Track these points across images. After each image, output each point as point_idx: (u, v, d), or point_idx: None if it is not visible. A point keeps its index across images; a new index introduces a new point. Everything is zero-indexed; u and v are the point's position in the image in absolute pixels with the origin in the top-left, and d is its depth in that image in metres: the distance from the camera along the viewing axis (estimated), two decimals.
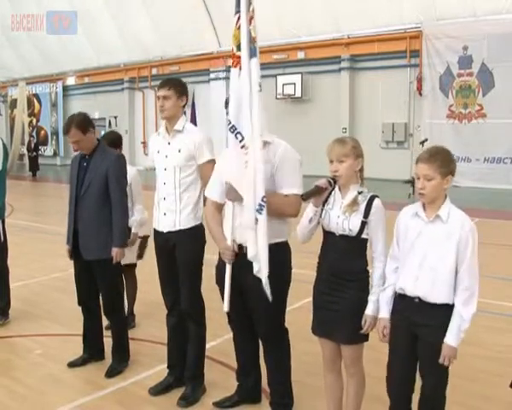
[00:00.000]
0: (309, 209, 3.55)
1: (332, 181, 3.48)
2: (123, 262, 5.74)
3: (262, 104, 3.72)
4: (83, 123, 4.79)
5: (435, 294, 3.17)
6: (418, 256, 3.22)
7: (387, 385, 3.43)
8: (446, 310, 3.17)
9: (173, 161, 4.34)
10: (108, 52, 27.34)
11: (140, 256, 6.05)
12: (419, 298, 3.22)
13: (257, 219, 3.61)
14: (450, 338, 3.15)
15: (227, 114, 3.87)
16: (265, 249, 3.63)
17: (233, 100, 3.75)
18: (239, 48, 3.72)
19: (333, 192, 3.57)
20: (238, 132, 3.69)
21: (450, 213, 3.19)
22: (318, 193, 3.45)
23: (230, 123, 3.74)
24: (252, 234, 3.64)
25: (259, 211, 3.60)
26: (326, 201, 3.56)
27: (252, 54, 3.66)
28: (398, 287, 3.32)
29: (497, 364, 4.97)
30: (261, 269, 3.65)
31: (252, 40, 3.66)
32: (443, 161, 3.17)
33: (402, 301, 3.32)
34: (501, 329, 5.72)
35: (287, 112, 21.93)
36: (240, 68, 3.73)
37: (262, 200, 3.59)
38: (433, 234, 3.19)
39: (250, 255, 3.68)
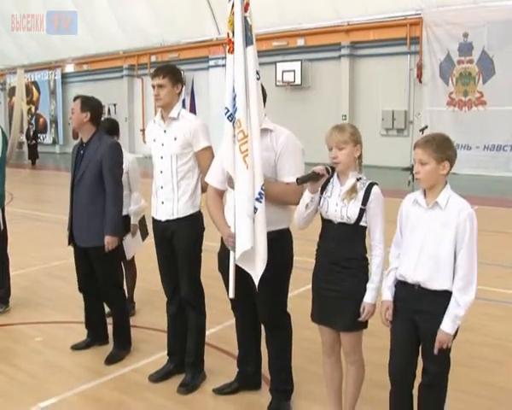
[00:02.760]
0: (305, 195, 3.54)
1: (330, 168, 3.46)
2: (129, 255, 5.77)
3: (260, 92, 3.71)
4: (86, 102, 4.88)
5: (434, 281, 3.18)
6: (417, 243, 3.23)
7: (389, 371, 3.44)
8: (446, 297, 3.17)
9: (170, 150, 4.32)
10: (107, 39, 27.22)
11: (145, 235, 6.03)
12: (419, 285, 3.23)
13: (256, 208, 3.60)
14: (446, 325, 3.16)
15: None
16: (264, 238, 3.63)
17: (228, 87, 3.73)
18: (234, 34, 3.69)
19: (331, 180, 3.56)
20: (237, 120, 3.66)
21: (449, 201, 3.19)
22: (314, 179, 3.42)
23: (228, 111, 3.72)
24: (249, 223, 3.63)
25: (259, 199, 3.59)
26: (324, 188, 3.56)
27: (248, 42, 3.62)
28: (399, 274, 3.32)
29: (496, 351, 4.98)
30: (257, 263, 3.65)
31: (248, 28, 3.63)
32: (438, 146, 3.17)
33: (402, 288, 3.33)
34: (501, 317, 5.74)
35: (286, 99, 21.86)
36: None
37: (261, 188, 3.59)
38: (431, 221, 3.19)
39: (242, 248, 3.65)
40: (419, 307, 3.23)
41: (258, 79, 3.66)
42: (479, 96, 18.38)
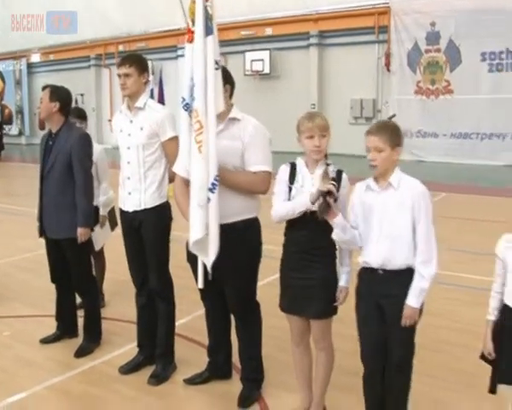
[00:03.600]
0: (300, 205, 3.46)
1: (332, 180, 3.32)
2: (98, 246, 5.73)
3: (220, 82, 3.69)
4: (54, 92, 4.81)
5: (396, 259, 3.24)
6: (376, 226, 3.29)
7: (361, 355, 3.49)
8: (409, 277, 3.24)
9: (136, 140, 4.30)
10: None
11: (114, 226, 5.99)
12: (383, 269, 3.28)
13: (209, 198, 3.60)
14: (412, 299, 3.22)
15: None
16: (216, 229, 3.64)
17: (186, 76, 3.71)
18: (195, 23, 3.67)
19: (298, 170, 3.57)
20: (194, 110, 3.65)
21: (400, 181, 3.27)
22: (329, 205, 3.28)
23: (184, 100, 3.71)
24: (201, 213, 3.62)
25: (212, 190, 3.59)
26: (293, 179, 3.56)
27: (208, 31, 3.60)
28: (363, 260, 3.36)
29: (463, 336, 5.06)
30: (209, 250, 3.66)
31: (209, 17, 3.61)
32: (392, 133, 3.25)
33: (367, 274, 3.38)
34: (469, 302, 5.82)
35: (255, 88, 21.81)
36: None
37: (215, 179, 3.59)
38: (386, 202, 3.26)
39: (195, 237, 3.66)
40: (384, 292, 3.28)
41: (216, 68, 3.64)
42: (446, 85, 18.57)
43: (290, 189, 3.56)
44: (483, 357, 3.28)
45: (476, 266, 6.85)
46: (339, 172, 3.51)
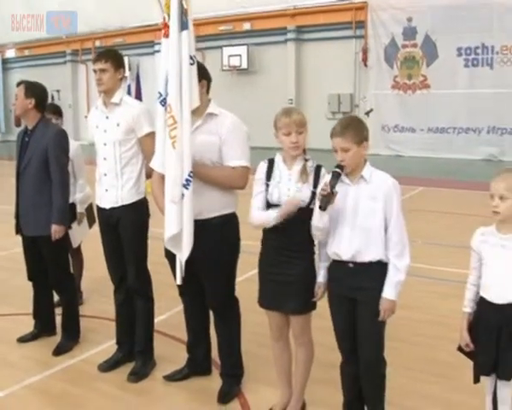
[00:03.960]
0: (273, 219, 3.43)
1: (336, 173, 3.24)
2: (76, 244, 5.69)
3: (195, 78, 3.68)
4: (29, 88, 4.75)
5: (368, 253, 3.26)
6: (348, 219, 3.30)
7: (338, 347, 3.52)
8: (380, 270, 3.27)
9: (112, 136, 4.27)
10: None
11: (92, 223, 5.95)
12: (353, 262, 3.30)
13: (183, 195, 3.59)
14: (388, 292, 3.25)
15: None
16: (191, 226, 3.64)
17: (162, 71, 3.69)
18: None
19: (275, 166, 3.57)
20: (167, 105, 3.64)
21: (372, 175, 3.30)
22: (331, 197, 3.21)
23: (161, 95, 3.69)
24: (175, 209, 3.62)
25: (186, 186, 3.59)
26: (271, 175, 3.56)
27: (183, 26, 3.58)
28: (332, 252, 3.37)
29: (439, 328, 5.11)
30: (183, 246, 3.66)
31: (184, 12, 3.59)
32: (356, 130, 3.26)
33: (337, 268, 3.40)
34: (447, 294, 5.87)
35: (233, 84, 21.77)
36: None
37: (189, 175, 3.58)
38: (358, 195, 3.28)
39: (170, 232, 3.66)
40: (355, 285, 3.29)
41: (191, 64, 3.63)
42: (422, 80, 18.70)
43: (267, 185, 3.56)
44: (460, 349, 3.32)
45: (453, 259, 6.90)
46: (318, 168, 3.52)
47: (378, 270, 3.27)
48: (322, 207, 3.19)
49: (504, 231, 3.08)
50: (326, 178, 3.31)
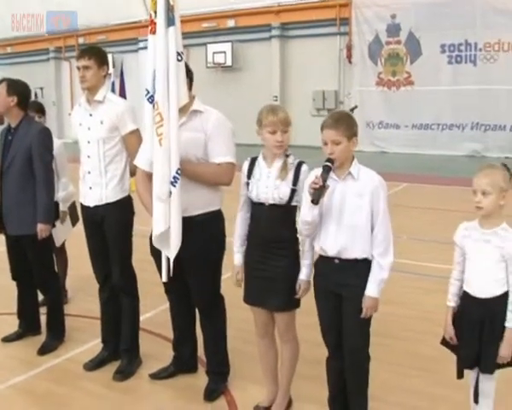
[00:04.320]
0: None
1: (326, 167, 3.23)
2: (59, 242, 5.65)
3: (183, 74, 3.67)
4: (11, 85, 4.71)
5: (353, 249, 3.27)
6: (334, 215, 3.30)
7: (324, 342, 3.53)
8: (365, 267, 3.28)
9: (96, 134, 4.25)
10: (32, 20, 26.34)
11: (75, 221, 5.92)
12: (339, 258, 3.30)
13: (170, 192, 3.59)
14: (371, 289, 3.26)
15: None
16: (179, 223, 3.64)
17: (150, 68, 3.68)
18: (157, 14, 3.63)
19: (256, 163, 3.57)
20: (154, 102, 3.62)
21: (359, 172, 3.30)
22: (322, 190, 3.20)
23: (148, 93, 3.68)
24: (162, 207, 3.61)
25: (174, 183, 3.58)
26: (251, 173, 3.56)
27: (170, 22, 3.57)
28: (319, 247, 3.38)
29: (424, 323, 5.14)
30: (171, 244, 3.66)
31: (170, 8, 3.58)
32: (347, 124, 3.26)
33: (323, 264, 3.40)
34: (432, 290, 5.90)
35: (217, 81, 21.74)
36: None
37: (177, 172, 3.57)
38: (345, 191, 3.28)
39: (158, 230, 3.66)
40: (341, 281, 3.31)
41: (179, 60, 3.62)
42: (407, 77, 18.77)
43: (248, 184, 3.56)
44: (443, 342, 3.35)
45: (437, 255, 6.94)
46: (299, 164, 3.52)
47: (364, 267, 3.28)
48: (315, 201, 3.17)
49: (487, 226, 3.11)
50: (316, 172, 3.29)
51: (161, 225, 3.64)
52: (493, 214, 3.08)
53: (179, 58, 3.62)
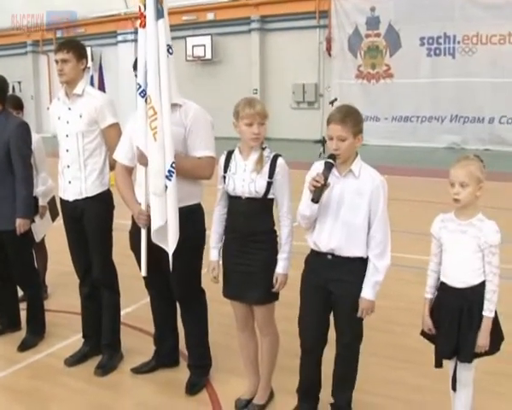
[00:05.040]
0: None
1: (329, 163, 3.21)
2: (39, 238, 5.60)
3: (173, 67, 3.65)
4: None
5: (348, 248, 3.27)
6: (332, 211, 3.29)
7: (301, 339, 3.55)
8: (359, 265, 3.28)
9: (75, 127, 4.21)
10: (8, 13, 26.01)
11: (55, 216, 5.88)
12: (332, 254, 3.30)
13: (166, 186, 3.57)
14: (367, 292, 3.27)
15: (136, 76, 3.77)
16: (176, 217, 3.62)
17: (141, 62, 3.65)
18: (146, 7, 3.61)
19: (232, 157, 3.57)
20: (147, 96, 3.60)
21: (361, 170, 3.28)
22: (322, 188, 3.18)
23: (140, 87, 3.66)
24: (158, 201, 3.60)
25: (169, 177, 3.56)
26: (227, 167, 3.56)
27: (159, 15, 3.55)
28: (312, 242, 3.38)
29: (408, 315, 5.15)
30: (169, 238, 3.65)
31: (159, 1, 3.56)
32: (355, 121, 3.23)
33: (316, 259, 3.40)
34: (414, 282, 5.92)
35: (197, 74, 21.68)
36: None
37: (171, 166, 3.56)
38: (345, 188, 3.26)
39: (156, 225, 3.64)
40: (334, 277, 3.31)
41: (171, 53, 3.60)
42: (386, 69, 18.87)
43: (225, 177, 3.56)
44: (423, 333, 3.38)
45: (418, 247, 6.95)
46: (275, 157, 3.51)
47: (358, 264, 3.28)
48: (315, 200, 3.15)
49: (463, 217, 3.13)
50: (317, 166, 3.28)
51: (158, 219, 3.62)
52: (469, 206, 3.10)
53: (170, 51, 3.60)
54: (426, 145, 17.59)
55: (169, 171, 3.56)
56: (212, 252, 3.73)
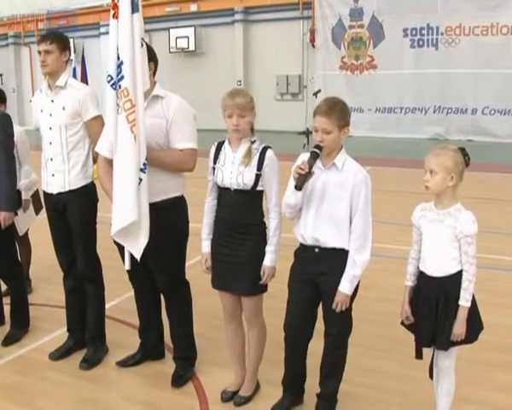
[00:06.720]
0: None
1: (315, 154, 3.21)
2: (22, 231, 5.56)
3: (145, 60, 3.63)
4: None
5: (332, 239, 3.28)
6: (315, 203, 3.30)
7: (285, 332, 3.55)
8: (346, 258, 3.28)
9: (58, 120, 4.18)
10: None
11: (38, 209, 5.84)
12: (319, 247, 3.31)
13: (140, 179, 3.56)
14: (344, 285, 3.28)
15: None
16: (147, 210, 3.62)
17: (113, 54, 3.60)
18: None
19: (222, 148, 3.56)
20: (124, 89, 3.57)
21: (345, 163, 3.28)
22: (306, 177, 3.19)
23: (112, 78, 3.61)
24: (131, 195, 3.57)
25: (143, 170, 3.56)
26: (217, 158, 3.55)
27: (135, 9, 3.52)
28: (299, 234, 3.39)
29: (392, 305, 5.16)
30: (141, 231, 3.63)
31: None
32: (341, 114, 3.22)
33: (303, 252, 3.41)
34: (398, 272, 5.92)
35: (180, 66, 21.61)
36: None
37: (146, 159, 3.55)
38: (328, 181, 3.27)
39: (129, 219, 3.60)
40: (321, 270, 3.32)
41: (142, 46, 3.58)
42: (370, 61, 18.92)
43: (214, 169, 3.56)
44: (403, 323, 3.41)
45: (401, 237, 6.96)
46: (264, 149, 3.51)
47: (344, 258, 3.28)
48: (298, 187, 3.16)
49: (441, 206, 3.16)
50: (304, 157, 3.28)
51: (130, 215, 3.58)
52: (446, 195, 3.12)
53: (142, 44, 3.57)
54: (409, 136, 17.69)
55: (143, 164, 3.55)
56: (204, 244, 3.72)
